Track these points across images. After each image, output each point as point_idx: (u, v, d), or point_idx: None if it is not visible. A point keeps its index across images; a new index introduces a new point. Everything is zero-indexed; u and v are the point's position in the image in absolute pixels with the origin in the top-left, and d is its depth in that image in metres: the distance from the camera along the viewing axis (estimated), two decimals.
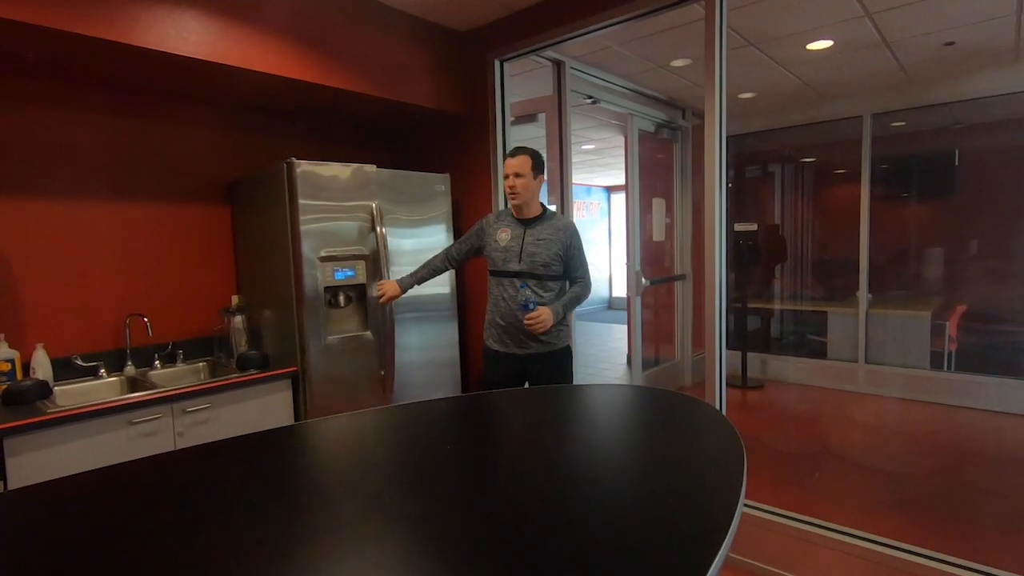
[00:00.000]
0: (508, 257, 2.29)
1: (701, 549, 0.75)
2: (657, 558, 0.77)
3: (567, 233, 2.31)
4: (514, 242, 2.29)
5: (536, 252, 2.26)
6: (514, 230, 2.32)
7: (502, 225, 2.36)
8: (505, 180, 2.29)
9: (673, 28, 2.97)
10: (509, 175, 2.27)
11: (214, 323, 2.71)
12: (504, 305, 2.30)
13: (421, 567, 0.79)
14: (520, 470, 1.16)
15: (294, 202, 2.37)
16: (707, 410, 1.42)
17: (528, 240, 2.28)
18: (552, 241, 2.28)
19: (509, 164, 2.27)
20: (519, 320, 2.24)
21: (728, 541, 0.77)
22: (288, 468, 1.21)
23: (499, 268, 2.31)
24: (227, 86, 2.45)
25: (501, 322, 2.32)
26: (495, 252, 2.33)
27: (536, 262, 2.26)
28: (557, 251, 2.27)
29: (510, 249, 2.29)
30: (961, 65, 3.88)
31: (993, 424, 3.98)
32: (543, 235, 2.28)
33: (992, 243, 4.54)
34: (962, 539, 2.44)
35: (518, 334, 2.28)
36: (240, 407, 2.32)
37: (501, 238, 2.32)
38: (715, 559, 0.71)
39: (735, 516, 0.82)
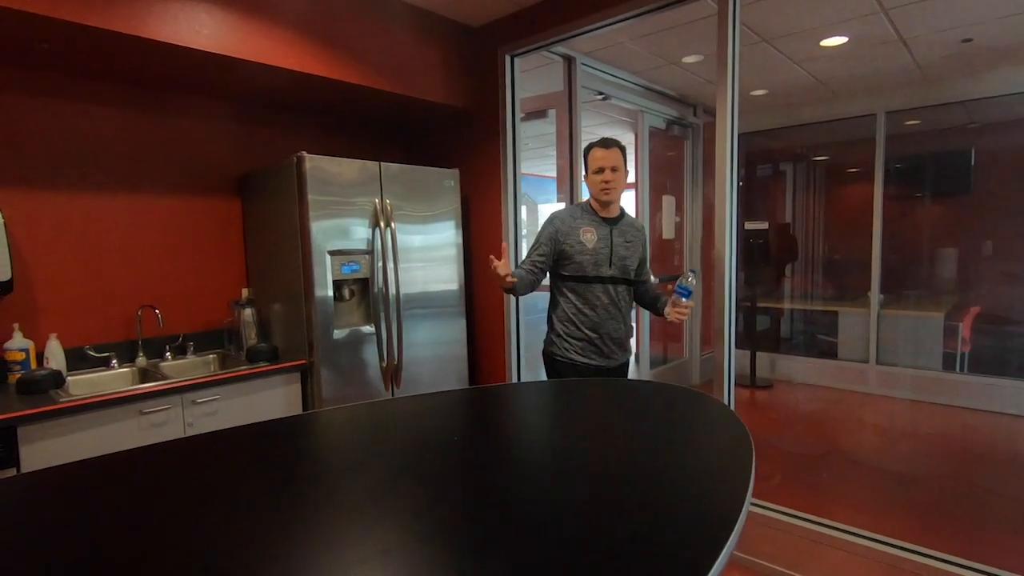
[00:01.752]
0: (599, 261, 2.07)
1: (707, 545, 0.74)
2: (662, 552, 0.77)
3: (643, 233, 2.22)
4: (602, 243, 2.08)
5: (626, 255, 2.11)
6: (599, 230, 2.10)
7: (584, 225, 2.11)
8: (597, 175, 2.07)
9: (685, 24, 2.94)
10: (604, 169, 2.06)
11: (224, 316, 2.73)
12: (598, 314, 2.08)
13: (427, 553, 0.80)
14: (527, 462, 1.16)
15: (303, 196, 2.38)
16: (716, 406, 1.41)
17: (617, 241, 2.10)
18: (636, 243, 2.15)
19: (604, 157, 2.06)
20: (611, 327, 2.08)
21: (734, 537, 0.76)
22: (295, 456, 1.22)
23: (587, 274, 2.08)
24: (239, 80, 2.46)
25: (592, 333, 2.10)
26: (582, 256, 2.07)
27: (627, 266, 2.11)
28: (640, 254, 2.16)
29: (600, 252, 2.07)
30: (978, 62, 3.82)
31: (1006, 427, 3.93)
32: (629, 236, 2.14)
33: (1008, 244, 4.47)
34: (972, 542, 2.41)
35: (610, 345, 2.11)
36: (249, 399, 2.34)
37: (587, 239, 2.08)
38: (720, 555, 0.71)
39: (742, 512, 0.81)
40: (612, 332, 2.10)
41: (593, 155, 2.09)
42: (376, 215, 2.61)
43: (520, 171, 3.08)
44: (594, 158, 2.08)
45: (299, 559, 0.78)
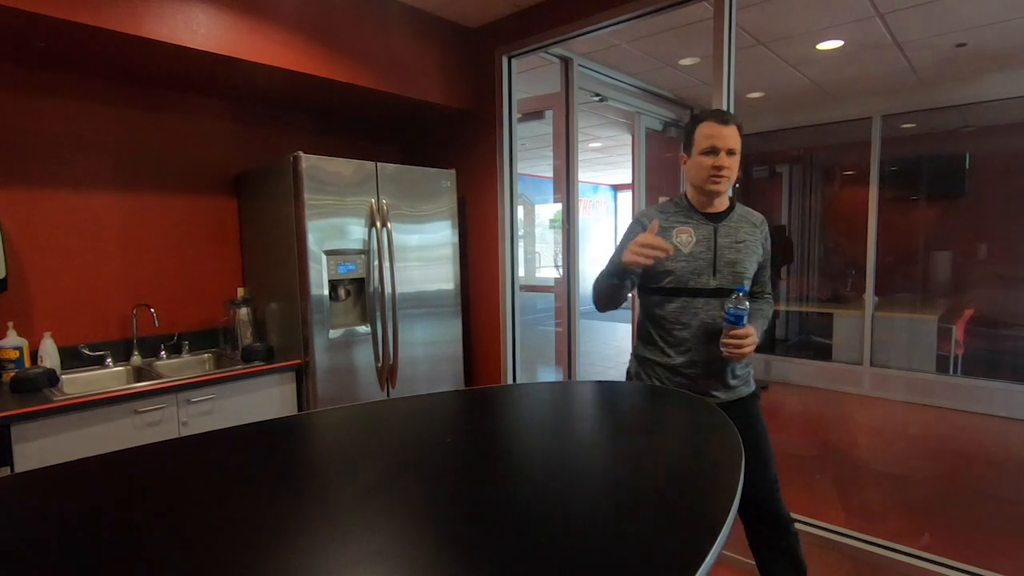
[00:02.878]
0: (697, 269, 1.60)
1: (695, 545, 0.75)
2: (651, 552, 0.77)
3: (764, 230, 1.70)
4: (702, 246, 1.62)
5: (737, 259, 1.62)
6: (699, 229, 1.63)
7: (677, 223, 1.65)
8: (706, 157, 1.57)
9: (682, 26, 2.96)
10: (719, 150, 1.56)
11: (220, 315, 2.73)
12: (692, 337, 1.61)
13: (418, 555, 0.80)
14: (518, 463, 1.16)
15: (300, 196, 2.38)
16: (707, 408, 1.42)
17: (723, 243, 1.62)
18: (752, 243, 1.65)
19: (718, 134, 1.56)
20: (709, 357, 1.60)
21: (723, 537, 0.77)
22: (288, 457, 1.22)
23: (684, 285, 1.61)
24: (236, 79, 2.46)
25: (679, 359, 1.64)
26: (675, 263, 1.60)
27: (740, 274, 1.61)
28: (757, 255, 1.66)
29: (699, 257, 1.61)
30: (973, 67, 3.85)
31: (999, 429, 3.96)
32: (741, 235, 1.64)
33: (1001, 247, 4.50)
34: (966, 544, 2.43)
35: (704, 377, 1.63)
36: (244, 399, 2.34)
37: (681, 241, 1.62)
38: (708, 554, 0.72)
39: (731, 513, 0.82)
40: (709, 360, 1.61)
41: (703, 130, 1.59)
42: (372, 215, 2.62)
43: (516, 171, 3.08)
44: (704, 134, 1.58)
45: (290, 560, 0.78)
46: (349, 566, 0.78)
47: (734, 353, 1.52)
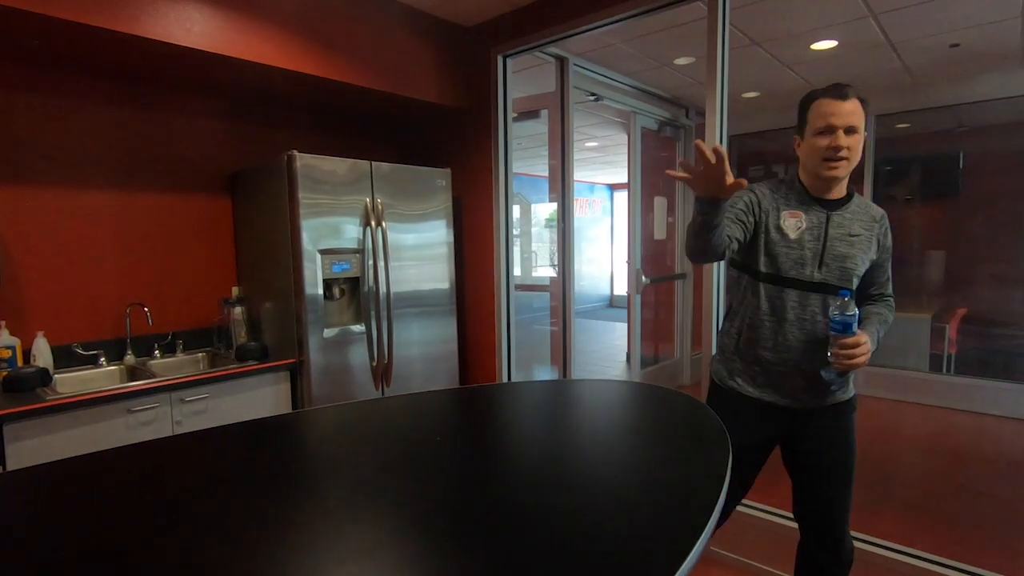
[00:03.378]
0: (801, 258, 1.47)
1: (681, 540, 0.76)
2: (637, 548, 0.79)
3: (883, 225, 1.54)
4: (811, 235, 1.48)
5: (848, 254, 1.47)
6: (811, 216, 1.49)
7: (787, 207, 1.52)
8: (822, 138, 1.42)
9: (677, 26, 2.96)
10: (836, 129, 1.40)
11: (214, 314, 2.73)
12: (784, 332, 1.49)
13: (402, 555, 0.81)
14: (505, 462, 1.17)
15: (294, 195, 2.38)
16: (696, 406, 1.43)
17: (834, 233, 1.48)
18: (866, 238, 1.50)
19: (837, 112, 1.40)
20: (803, 355, 1.47)
21: (707, 533, 0.78)
22: (277, 456, 1.23)
23: (784, 273, 1.49)
24: (230, 78, 2.46)
25: (769, 356, 1.52)
26: (778, 247, 1.49)
27: (848, 270, 1.47)
28: (872, 252, 1.52)
29: (804, 245, 1.48)
30: (966, 67, 3.86)
31: (991, 428, 3.98)
32: (856, 228, 1.49)
33: (994, 247, 4.52)
34: (957, 542, 2.44)
35: (796, 379, 1.50)
36: (238, 398, 2.33)
37: (789, 226, 1.49)
38: (693, 549, 0.73)
39: (716, 508, 0.83)
40: (801, 361, 1.48)
41: (817, 108, 1.43)
42: (367, 214, 2.62)
43: (512, 171, 3.09)
44: (819, 113, 1.43)
45: (273, 559, 0.78)
46: (335, 564, 0.79)
47: (845, 364, 1.37)
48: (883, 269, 1.58)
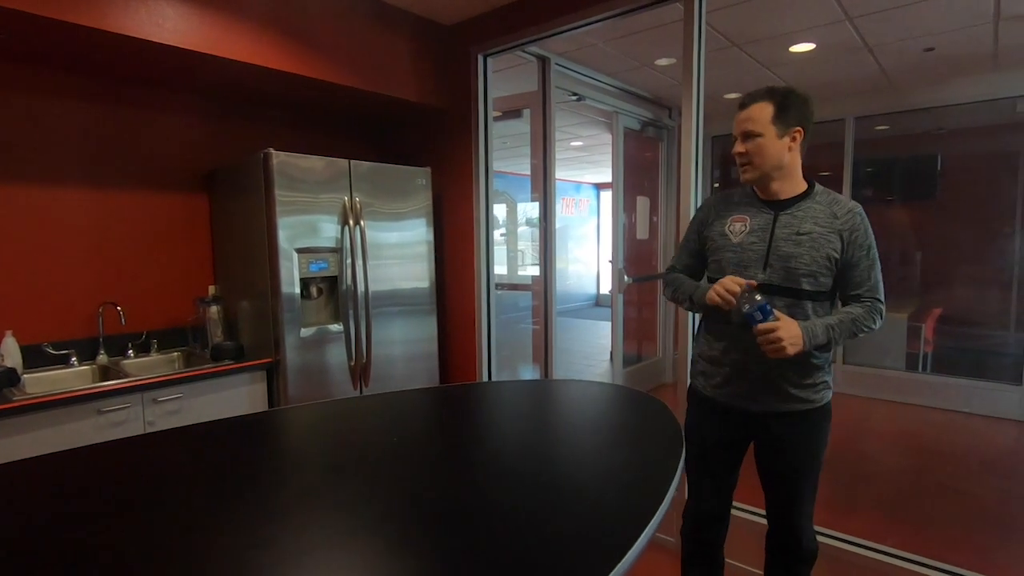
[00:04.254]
0: (746, 260, 1.49)
1: (628, 531, 0.79)
2: (578, 546, 0.80)
3: (849, 221, 1.47)
4: (756, 236, 1.49)
5: (794, 253, 1.45)
6: (756, 218, 1.51)
7: (736, 211, 1.55)
8: (737, 142, 1.51)
9: (657, 27, 2.98)
10: (736, 137, 1.51)
11: (190, 313, 2.70)
12: (731, 333, 1.50)
13: (343, 554, 0.81)
14: (458, 461, 1.18)
15: (270, 193, 2.36)
16: (655, 404, 1.45)
17: (780, 233, 1.47)
18: (822, 236, 1.45)
19: (737, 119, 1.51)
20: (753, 357, 1.45)
21: (654, 523, 0.81)
22: (230, 456, 1.22)
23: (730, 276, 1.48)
24: (205, 75, 2.43)
25: (721, 357, 1.53)
26: (724, 252, 1.52)
27: (793, 269, 1.44)
28: (829, 251, 1.45)
29: (749, 248, 1.49)
30: (941, 71, 3.93)
31: (964, 425, 4.06)
32: (806, 225, 1.46)
33: (969, 248, 4.60)
34: (927, 537, 2.49)
35: (755, 379, 1.48)
36: (213, 398, 2.31)
37: (734, 230, 1.52)
38: (638, 540, 0.76)
39: (665, 500, 0.86)
40: (751, 363, 1.47)
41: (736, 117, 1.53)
42: (345, 213, 2.60)
43: (492, 170, 3.08)
44: (734, 122, 1.54)
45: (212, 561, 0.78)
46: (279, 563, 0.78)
47: (768, 351, 1.37)
48: (857, 268, 1.47)
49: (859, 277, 1.48)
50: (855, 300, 1.49)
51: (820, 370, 1.50)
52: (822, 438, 1.54)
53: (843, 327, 1.44)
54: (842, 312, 1.48)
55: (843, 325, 1.44)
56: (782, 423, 1.50)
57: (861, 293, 1.48)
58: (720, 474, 1.64)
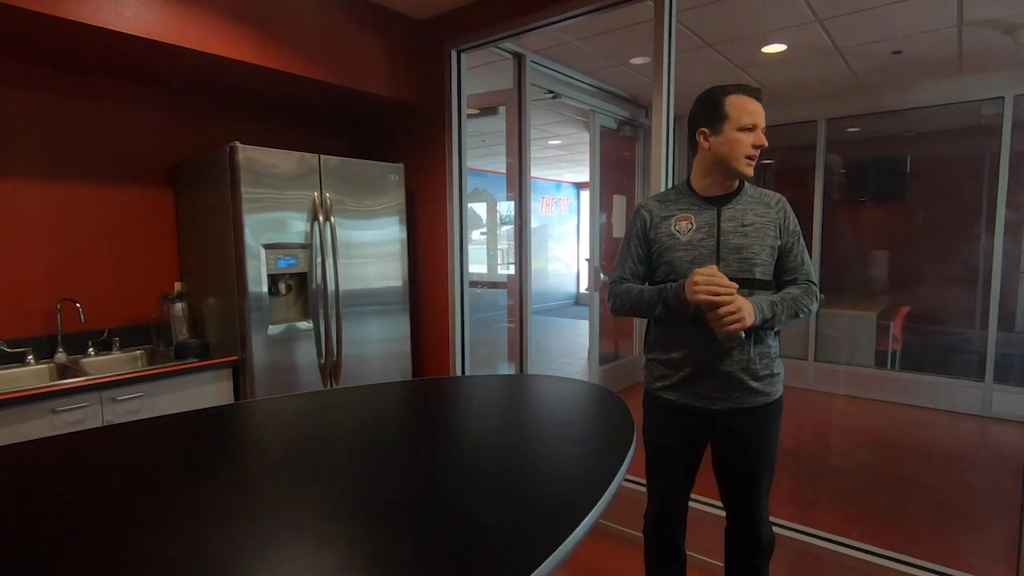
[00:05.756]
0: (698, 257, 1.49)
1: (567, 519, 0.81)
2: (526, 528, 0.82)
3: (781, 210, 1.54)
4: (704, 232, 1.51)
5: (744, 244, 1.49)
6: (700, 215, 1.52)
7: (678, 210, 1.56)
8: (746, 133, 1.45)
9: (631, 25, 2.99)
10: (759, 127, 1.46)
11: (154, 310, 2.63)
12: (693, 334, 1.49)
13: (274, 549, 0.80)
14: (403, 457, 1.16)
15: (236, 188, 2.31)
16: (611, 397, 1.46)
17: (726, 227, 1.50)
18: (764, 225, 1.50)
19: (760, 111, 1.46)
20: (711, 353, 1.48)
21: (597, 511, 0.83)
22: (159, 455, 1.20)
23: (684, 276, 1.48)
24: (169, 66, 2.37)
25: (683, 359, 1.53)
26: (675, 252, 1.52)
27: (748, 260, 1.48)
28: (772, 239, 1.51)
29: (699, 244, 1.50)
30: (908, 74, 4.01)
31: (928, 420, 4.15)
32: (748, 217, 1.51)
33: (936, 248, 4.72)
34: (890, 531, 2.53)
35: (715, 377, 1.50)
36: (176, 396, 2.26)
37: (681, 229, 1.53)
38: (578, 527, 0.77)
39: (609, 489, 0.89)
40: (714, 361, 1.48)
41: (742, 104, 1.45)
42: (315, 209, 2.56)
43: (466, 167, 3.07)
44: (745, 109, 1.45)
45: (129, 560, 0.76)
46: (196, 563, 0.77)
47: (720, 328, 1.37)
48: (792, 254, 1.54)
49: (793, 262, 1.55)
50: (792, 284, 1.55)
51: (774, 361, 1.55)
52: (777, 431, 1.58)
53: (784, 304, 1.47)
54: (783, 292, 1.53)
55: (784, 303, 1.48)
56: (741, 419, 1.53)
57: (798, 277, 1.55)
58: (680, 477, 1.65)
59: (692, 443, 1.60)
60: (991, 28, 3.10)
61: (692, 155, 1.60)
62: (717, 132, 1.48)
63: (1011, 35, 3.17)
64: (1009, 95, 3.96)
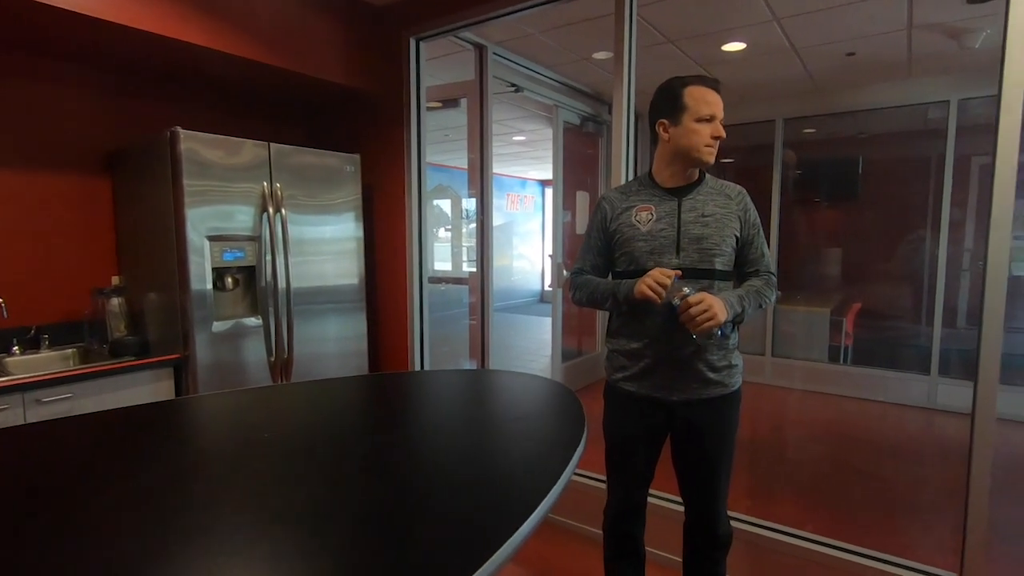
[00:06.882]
0: (658, 247, 1.49)
1: (517, 513, 0.79)
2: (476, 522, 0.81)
3: (741, 202, 1.55)
4: (664, 222, 1.50)
5: (704, 234, 1.48)
6: (661, 205, 1.52)
7: (639, 201, 1.55)
8: (705, 124, 1.45)
9: (593, 19, 2.96)
10: (717, 118, 1.46)
11: (88, 305, 2.47)
12: (653, 324, 1.49)
13: (178, 556, 0.74)
14: (329, 459, 1.10)
15: (177, 178, 2.18)
16: (563, 391, 1.45)
17: (687, 217, 1.49)
18: (724, 216, 1.51)
19: (718, 102, 1.46)
20: (672, 342, 1.47)
21: (547, 504, 0.82)
22: (61, 458, 1.11)
23: (642, 266, 1.49)
24: (105, 44, 2.22)
25: (643, 349, 1.52)
26: (635, 242, 1.51)
27: (708, 251, 1.48)
28: (732, 230, 1.51)
29: (659, 234, 1.49)
30: (862, 76, 4.12)
31: (878, 413, 4.29)
32: (709, 207, 1.50)
33: (885, 246, 4.88)
34: (842, 522, 2.59)
35: (675, 368, 1.49)
36: (111, 397, 2.12)
37: (641, 219, 1.52)
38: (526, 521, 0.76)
39: (559, 482, 0.88)
40: (672, 352, 1.49)
41: (700, 95, 1.45)
42: (264, 201, 2.44)
43: (426, 161, 2.99)
44: (704, 100, 1.45)
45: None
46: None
47: (694, 327, 1.36)
48: (753, 246, 1.56)
49: (754, 254, 1.57)
50: (753, 276, 1.57)
51: (733, 352, 1.56)
52: (736, 422, 1.60)
53: (750, 297, 1.50)
54: (746, 285, 1.54)
55: (750, 295, 1.50)
56: (700, 411, 1.52)
57: (759, 268, 1.57)
58: (640, 470, 1.64)
59: (651, 435, 1.59)
60: (938, 33, 3.20)
61: (653, 146, 1.59)
62: (676, 123, 1.48)
63: (956, 40, 3.28)
64: (954, 99, 4.11)
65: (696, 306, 1.34)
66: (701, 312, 1.34)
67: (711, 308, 1.34)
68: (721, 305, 1.37)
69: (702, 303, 1.34)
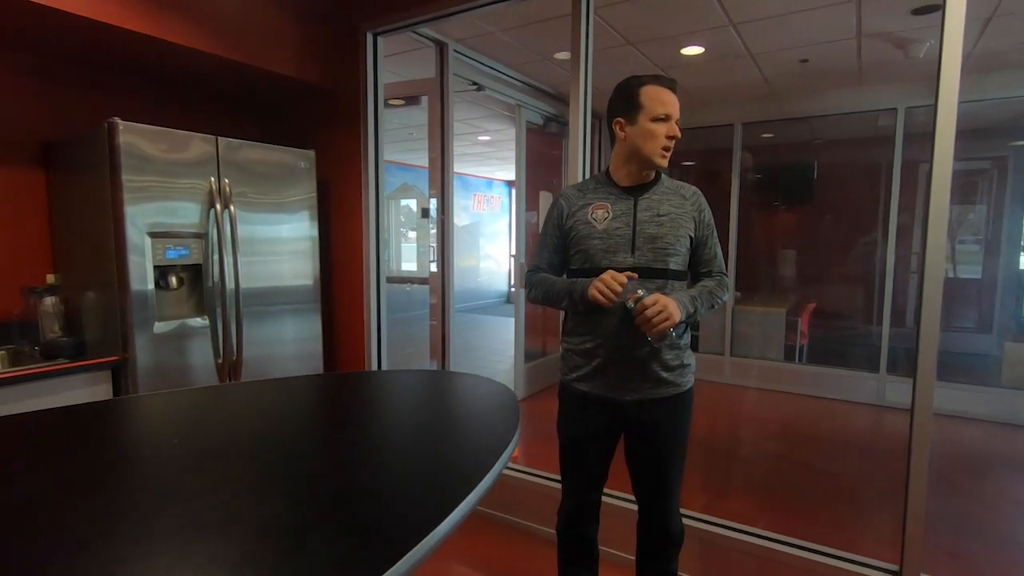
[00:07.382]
0: (613, 245, 1.48)
1: (446, 503, 0.80)
2: (405, 512, 0.81)
3: (696, 202, 1.55)
4: (620, 221, 1.50)
5: (659, 233, 1.48)
6: (617, 204, 1.52)
7: (595, 199, 1.54)
8: (660, 123, 1.45)
9: (553, 18, 2.96)
10: (673, 118, 1.46)
11: (17, 305, 2.33)
12: (607, 323, 1.48)
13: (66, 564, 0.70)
14: (236, 465, 1.06)
15: (116, 169, 2.08)
16: (498, 388, 1.45)
17: (643, 216, 1.49)
18: (679, 216, 1.51)
19: (674, 102, 1.46)
20: (626, 342, 1.47)
21: (475, 495, 0.83)
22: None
23: (596, 264, 1.49)
24: (35, 28, 2.09)
25: (596, 348, 1.51)
26: (590, 240, 1.50)
27: (663, 250, 1.48)
28: (687, 230, 1.52)
29: (615, 233, 1.49)
30: (815, 83, 4.24)
31: (830, 410, 4.42)
32: (664, 207, 1.51)
33: (838, 249, 5.04)
34: (794, 518, 2.64)
35: (627, 368, 1.49)
36: (43, 402, 2.00)
37: (597, 217, 1.51)
38: (455, 509, 0.78)
39: (488, 475, 0.89)
40: (626, 352, 1.48)
41: (656, 95, 1.45)
42: (212, 197, 2.35)
43: (383, 158, 2.93)
44: (659, 100, 1.45)
45: None
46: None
47: (649, 329, 1.35)
48: (707, 246, 1.57)
49: (708, 255, 1.58)
50: (706, 276, 1.58)
51: (686, 352, 1.56)
52: (688, 421, 1.59)
53: (703, 298, 1.50)
54: (699, 286, 1.55)
55: (703, 296, 1.50)
56: (653, 410, 1.52)
57: (712, 269, 1.58)
58: (594, 469, 1.64)
59: (604, 435, 1.59)
60: (886, 42, 3.31)
61: (612, 145, 1.59)
62: (632, 122, 1.48)
63: (903, 49, 3.40)
64: (901, 107, 4.27)
65: (651, 308, 1.34)
66: (657, 313, 1.34)
67: (666, 309, 1.34)
68: (675, 305, 1.37)
69: (656, 304, 1.34)
